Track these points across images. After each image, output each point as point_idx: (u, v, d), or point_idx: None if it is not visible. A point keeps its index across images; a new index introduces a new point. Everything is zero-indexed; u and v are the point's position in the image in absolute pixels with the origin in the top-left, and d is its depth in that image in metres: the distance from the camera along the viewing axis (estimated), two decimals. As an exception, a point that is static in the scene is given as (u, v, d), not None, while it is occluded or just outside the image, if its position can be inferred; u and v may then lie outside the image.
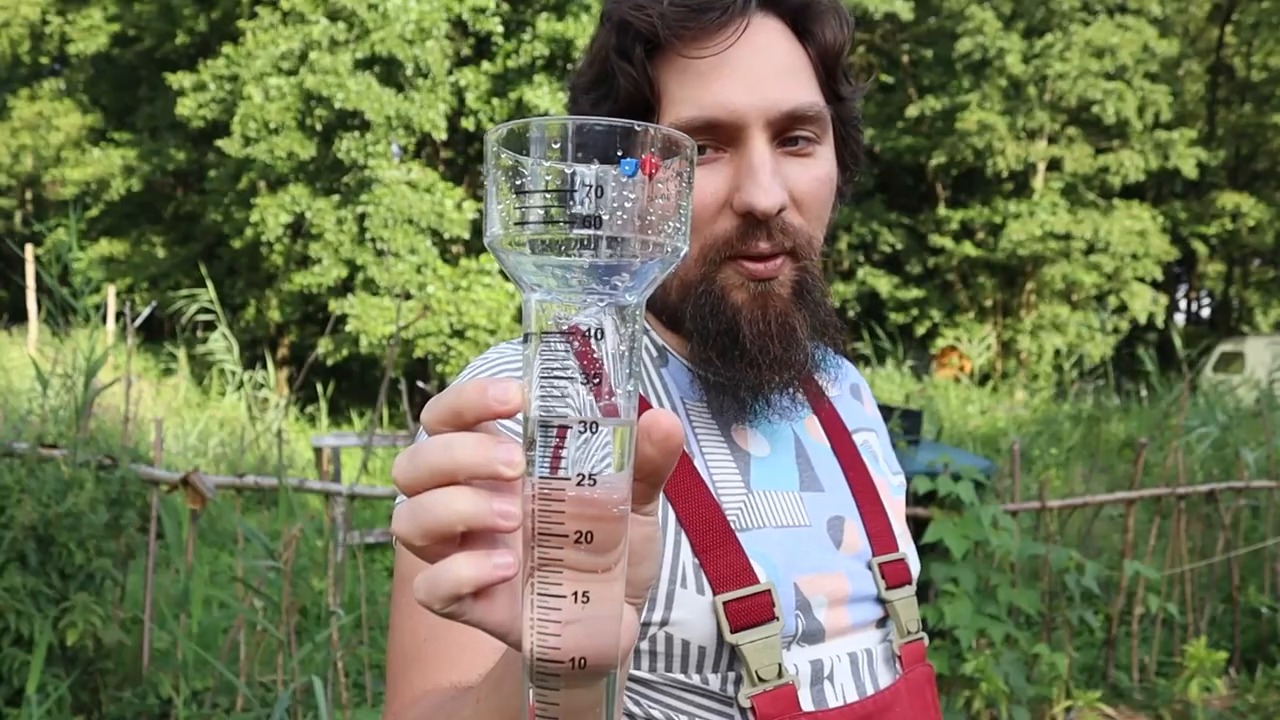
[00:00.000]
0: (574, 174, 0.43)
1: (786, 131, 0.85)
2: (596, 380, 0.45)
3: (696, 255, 0.85)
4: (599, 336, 0.45)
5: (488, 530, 0.45)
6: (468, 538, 0.46)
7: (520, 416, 0.46)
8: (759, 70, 0.83)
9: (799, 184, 0.85)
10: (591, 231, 0.43)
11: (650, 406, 0.87)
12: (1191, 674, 3.30)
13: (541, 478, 0.45)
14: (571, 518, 0.45)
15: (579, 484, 0.45)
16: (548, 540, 0.45)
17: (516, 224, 0.43)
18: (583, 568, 0.45)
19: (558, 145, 0.43)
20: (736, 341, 0.85)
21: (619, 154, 0.43)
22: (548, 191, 0.43)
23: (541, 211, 0.43)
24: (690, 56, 0.83)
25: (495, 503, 0.44)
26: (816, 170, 0.87)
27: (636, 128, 0.43)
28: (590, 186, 0.43)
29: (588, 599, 0.45)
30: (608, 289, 0.45)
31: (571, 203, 0.43)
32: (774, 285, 0.85)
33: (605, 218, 0.43)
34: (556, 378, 0.45)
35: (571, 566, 0.45)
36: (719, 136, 0.83)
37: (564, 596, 0.45)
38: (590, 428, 0.45)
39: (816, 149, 0.87)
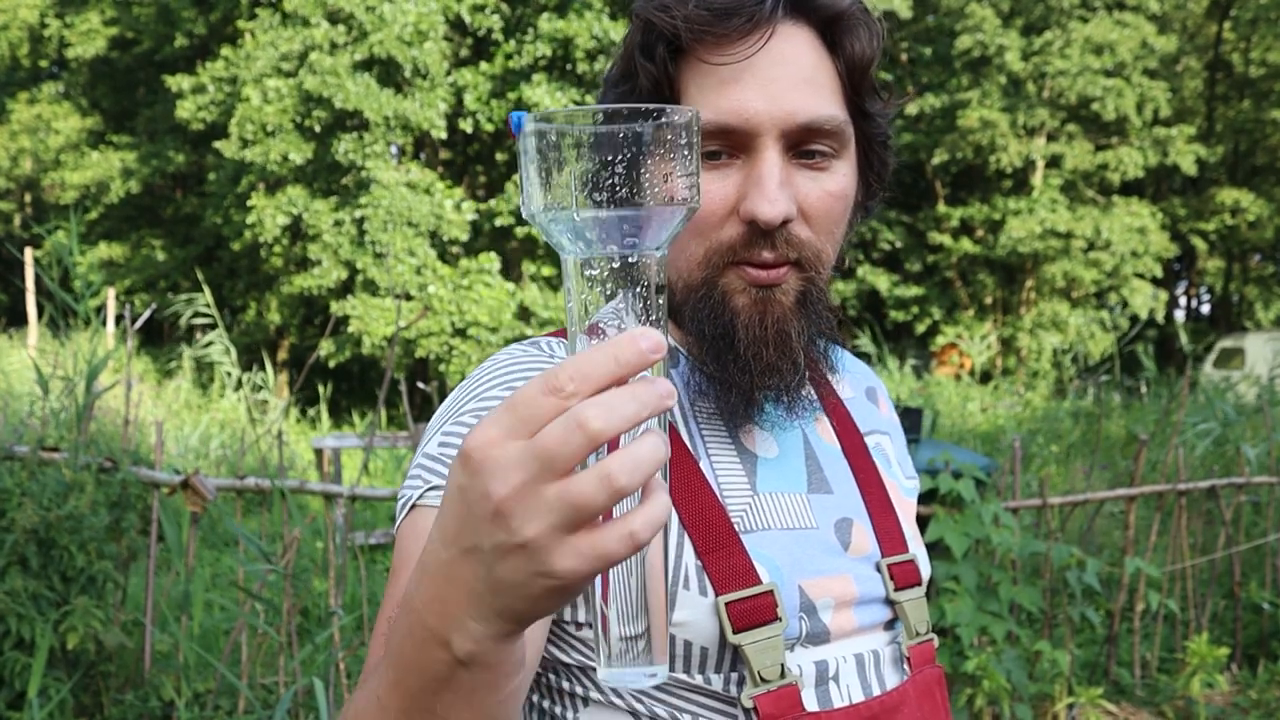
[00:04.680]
0: (601, 147, 0.50)
1: (802, 143, 0.84)
2: (644, 318, 0.53)
3: (700, 258, 0.85)
4: (633, 282, 0.53)
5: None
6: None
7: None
8: (779, 80, 0.82)
9: (809, 197, 0.85)
10: (619, 197, 0.50)
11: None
12: (1193, 670, 3.31)
13: None
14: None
15: None
16: None
17: (554, 194, 0.51)
18: None
19: (587, 125, 0.50)
20: (731, 345, 0.84)
21: (635, 124, 0.50)
22: (579, 163, 0.50)
23: (575, 182, 0.50)
24: (711, 62, 0.83)
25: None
26: (829, 184, 0.86)
27: (652, 107, 0.51)
28: (616, 157, 0.50)
29: None
30: (636, 244, 0.52)
31: (601, 172, 0.50)
32: (776, 293, 0.85)
33: (632, 184, 0.50)
34: (609, 325, 0.52)
35: None
36: (732, 143, 0.83)
37: None
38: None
39: (833, 163, 0.86)
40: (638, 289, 0.52)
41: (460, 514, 0.50)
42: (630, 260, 0.52)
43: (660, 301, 0.53)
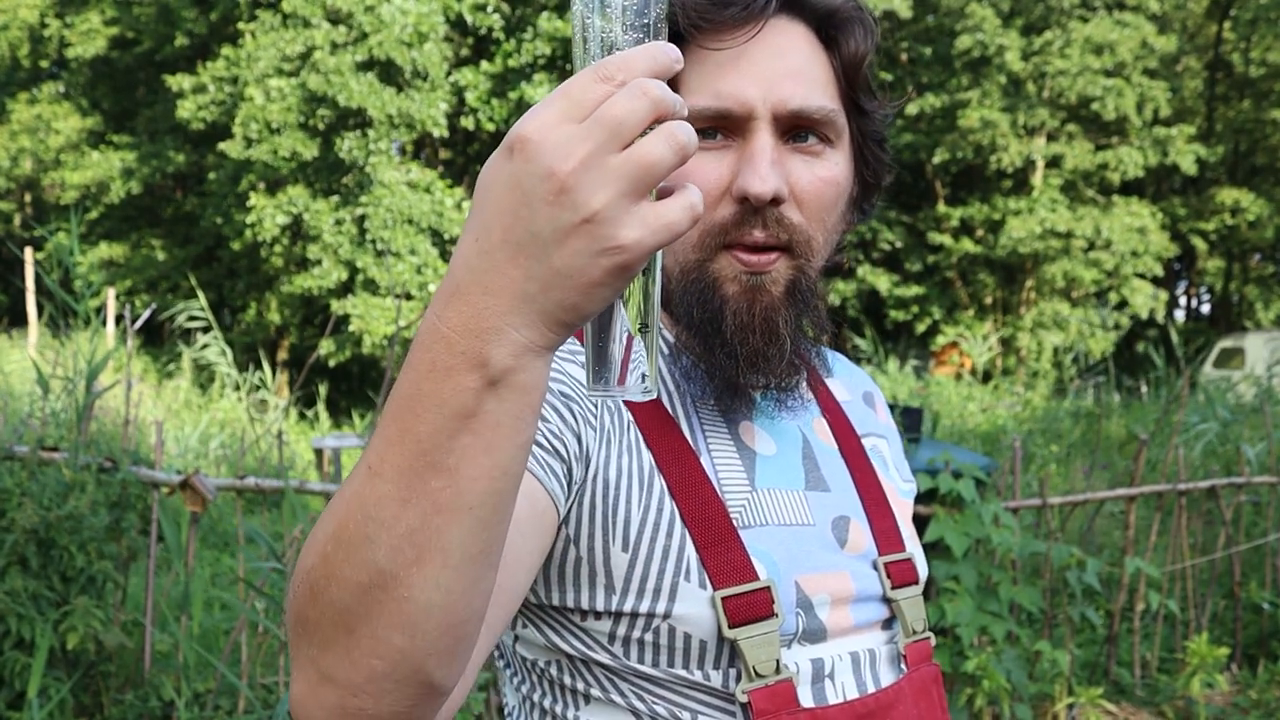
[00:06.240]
0: None
1: (794, 130, 0.86)
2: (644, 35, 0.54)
3: (695, 240, 0.86)
4: (640, 15, 0.53)
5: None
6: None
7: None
8: (773, 68, 0.85)
9: (801, 180, 0.86)
10: None
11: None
12: (1193, 670, 3.30)
13: None
14: None
15: None
16: None
17: None
18: None
19: None
20: (718, 331, 0.85)
21: None
22: None
23: None
24: (708, 48, 0.86)
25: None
26: (821, 169, 0.87)
27: None
28: None
29: None
30: None
31: None
32: (765, 280, 0.85)
33: None
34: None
35: None
36: (728, 126, 0.85)
37: None
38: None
39: (826, 150, 0.87)
40: (643, 21, 0.53)
41: (512, 206, 0.50)
42: None
43: (664, 29, 0.55)
